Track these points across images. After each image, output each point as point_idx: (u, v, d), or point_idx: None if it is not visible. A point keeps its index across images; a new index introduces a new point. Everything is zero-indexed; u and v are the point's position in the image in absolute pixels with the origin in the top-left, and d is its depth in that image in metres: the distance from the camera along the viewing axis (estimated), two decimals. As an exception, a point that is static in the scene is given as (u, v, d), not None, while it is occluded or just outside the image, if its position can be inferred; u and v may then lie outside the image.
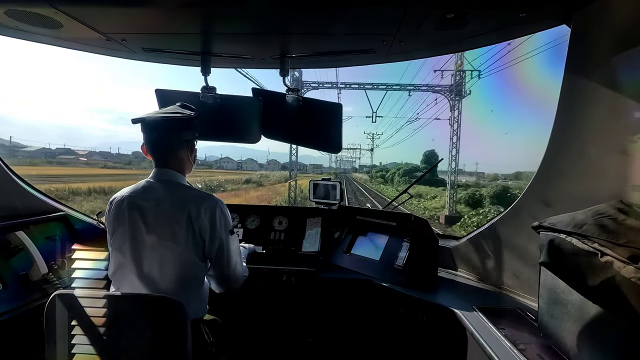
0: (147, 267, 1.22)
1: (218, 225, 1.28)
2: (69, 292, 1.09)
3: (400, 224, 2.05)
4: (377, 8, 1.25)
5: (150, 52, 1.76)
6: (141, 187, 1.30)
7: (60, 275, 1.63)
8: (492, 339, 1.20)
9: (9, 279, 1.43)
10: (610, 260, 0.83)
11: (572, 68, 1.27)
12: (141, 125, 1.29)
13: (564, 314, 1.05)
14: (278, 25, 1.46)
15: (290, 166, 22.77)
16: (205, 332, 1.33)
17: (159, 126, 1.30)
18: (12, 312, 1.32)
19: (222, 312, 1.55)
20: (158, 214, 1.23)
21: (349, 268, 2.01)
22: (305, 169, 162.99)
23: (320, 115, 1.92)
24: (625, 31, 1.08)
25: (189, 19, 1.40)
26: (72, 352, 1.08)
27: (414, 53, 1.71)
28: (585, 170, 1.26)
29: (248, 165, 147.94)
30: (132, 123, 1.27)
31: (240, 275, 1.43)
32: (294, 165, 22.28)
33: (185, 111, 1.34)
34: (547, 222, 1.07)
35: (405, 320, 1.74)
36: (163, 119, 1.29)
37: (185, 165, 1.39)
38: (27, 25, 1.43)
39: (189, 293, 1.27)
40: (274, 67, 1.89)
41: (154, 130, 1.31)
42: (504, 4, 1.21)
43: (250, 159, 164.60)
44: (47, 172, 35.24)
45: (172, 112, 1.32)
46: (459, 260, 2.03)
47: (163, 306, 1.07)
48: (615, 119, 1.15)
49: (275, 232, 2.25)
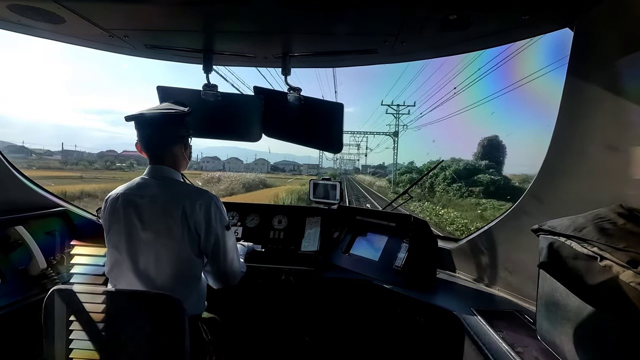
0: (143, 263, 1.22)
1: (213, 221, 1.28)
2: (67, 288, 1.09)
3: (400, 225, 2.05)
4: (379, 9, 1.25)
5: (152, 49, 1.76)
6: (136, 184, 1.30)
7: (59, 270, 1.64)
8: (490, 341, 1.20)
9: (8, 273, 1.43)
10: (610, 265, 0.84)
11: (574, 70, 1.27)
12: (135, 122, 1.28)
13: (562, 317, 1.04)
14: (280, 24, 1.46)
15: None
16: (203, 330, 1.33)
17: (152, 122, 1.30)
18: (11, 307, 1.33)
19: (221, 310, 1.55)
20: (153, 210, 1.23)
21: (347, 268, 2.01)
22: (299, 170, 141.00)
23: (321, 115, 1.92)
24: (628, 34, 1.08)
25: (192, 16, 1.40)
26: (70, 347, 1.08)
27: (417, 54, 1.71)
28: (586, 173, 1.26)
29: (232, 165, 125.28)
30: (125, 121, 1.27)
31: (238, 271, 1.42)
32: (284, 165, 21.44)
33: (178, 107, 1.34)
34: (547, 225, 1.08)
35: (403, 321, 1.74)
36: (156, 115, 1.29)
37: (179, 162, 1.39)
38: (29, 20, 1.43)
39: (187, 289, 1.27)
40: (275, 66, 1.88)
41: (147, 127, 1.30)
42: (506, 7, 1.21)
43: (235, 158, 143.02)
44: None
45: (165, 109, 1.32)
46: (458, 261, 2.03)
47: (161, 303, 1.07)
48: (617, 121, 1.14)
49: (274, 231, 2.25)
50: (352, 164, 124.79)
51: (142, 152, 1.33)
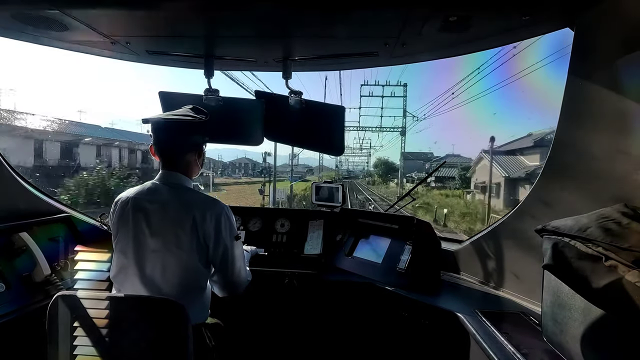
0: (150, 270, 1.22)
1: (223, 232, 1.27)
2: (71, 294, 1.09)
3: (403, 227, 2.04)
4: (379, 11, 1.25)
5: (154, 55, 1.77)
6: (147, 188, 1.30)
7: (63, 276, 1.64)
8: (495, 343, 1.19)
9: (12, 279, 1.43)
10: (615, 265, 0.83)
11: (576, 70, 1.26)
12: (151, 125, 1.28)
13: (568, 318, 1.04)
14: (281, 28, 1.46)
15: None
16: (207, 336, 1.33)
17: (169, 128, 1.29)
18: (15, 313, 1.33)
19: (224, 315, 1.54)
20: (162, 217, 1.23)
21: (351, 271, 2.00)
22: (253, 169, 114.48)
23: (322, 118, 1.92)
24: (629, 34, 1.08)
25: (193, 22, 1.41)
26: (74, 353, 1.08)
27: (417, 56, 1.71)
28: (589, 172, 1.26)
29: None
30: (142, 123, 1.27)
31: (244, 280, 1.42)
32: (240, 162, 20.16)
33: (196, 115, 1.33)
34: (550, 226, 1.07)
35: (407, 323, 1.73)
36: (174, 121, 1.29)
37: (192, 169, 1.38)
38: (32, 28, 1.44)
39: (191, 298, 1.26)
40: (276, 70, 1.89)
41: (164, 132, 1.30)
42: (507, 7, 1.21)
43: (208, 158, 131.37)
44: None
45: (183, 115, 1.31)
46: (462, 263, 2.02)
47: (165, 308, 1.07)
48: (619, 121, 1.14)
49: (277, 235, 2.25)
50: (360, 166, 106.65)
51: (155, 156, 1.33)
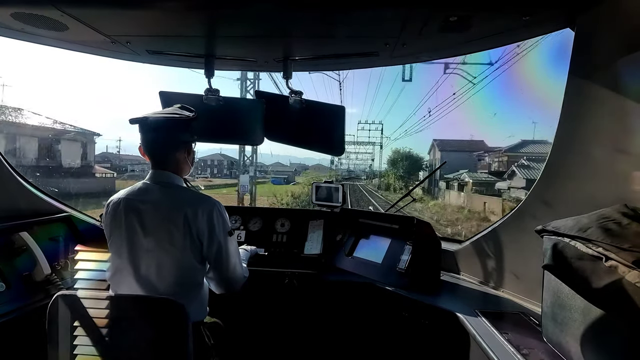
0: (145, 270, 1.22)
1: (216, 227, 1.27)
2: (71, 293, 1.09)
3: (403, 227, 2.04)
4: (379, 11, 1.25)
5: (154, 55, 1.77)
6: (137, 189, 1.29)
7: (63, 275, 1.64)
8: (495, 343, 1.19)
9: (12, 279, 1.43)
10: (615, 265, 0.83)
11: (576, 70, 1.26)
12: (139, 125, 1.28)
13: (568, 318, 1.04)
14: (281, 28, 1.46)
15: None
16: (206, 335, 1.33)
17: (156, 127, 1.28)
18: (16, 313, 1.33)
19: (223, 314, 1.54)
20: (155, 216, 1.23)
21: (351, 271, 2.00)
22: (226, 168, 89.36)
23: (322, 118, 1.92)
24: (630, 34, 1.08)
25: (194, 21, 1.41)
26: (74, 352, 1.08)
27: (418, 56, 1.71)
28: (589, 173, 1.26)
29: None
30: (129, 123, 1.26)
31: (240, 276, 1.41)
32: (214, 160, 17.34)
33: (183, 112, 1.33)
34: (550, 226, 1.07)
35: (407, 323, 1.73)
36: (161, 119, 1.28)
37: (182, 167, 1.37)
38: (32, 28, 1.44)
39: (188, 296, 1.26)
40: (277, 70, 1.90)
41: (151, 131, 1.29)
42: (507, 7, 1.21)
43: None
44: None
45: (170, 113, 1.31)
46: (462, 263, 2.02)
47: (164, 308, 1.07)
48: (620, 121, 1.14)
49: (277, 234, 2.25)
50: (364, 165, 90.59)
51: (145, 156, 1.33)
